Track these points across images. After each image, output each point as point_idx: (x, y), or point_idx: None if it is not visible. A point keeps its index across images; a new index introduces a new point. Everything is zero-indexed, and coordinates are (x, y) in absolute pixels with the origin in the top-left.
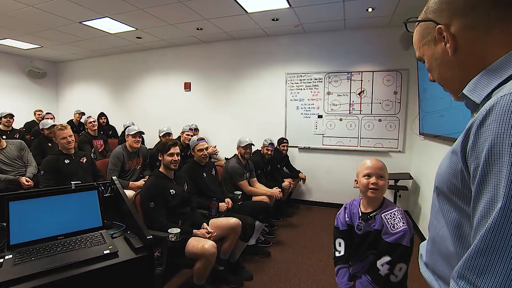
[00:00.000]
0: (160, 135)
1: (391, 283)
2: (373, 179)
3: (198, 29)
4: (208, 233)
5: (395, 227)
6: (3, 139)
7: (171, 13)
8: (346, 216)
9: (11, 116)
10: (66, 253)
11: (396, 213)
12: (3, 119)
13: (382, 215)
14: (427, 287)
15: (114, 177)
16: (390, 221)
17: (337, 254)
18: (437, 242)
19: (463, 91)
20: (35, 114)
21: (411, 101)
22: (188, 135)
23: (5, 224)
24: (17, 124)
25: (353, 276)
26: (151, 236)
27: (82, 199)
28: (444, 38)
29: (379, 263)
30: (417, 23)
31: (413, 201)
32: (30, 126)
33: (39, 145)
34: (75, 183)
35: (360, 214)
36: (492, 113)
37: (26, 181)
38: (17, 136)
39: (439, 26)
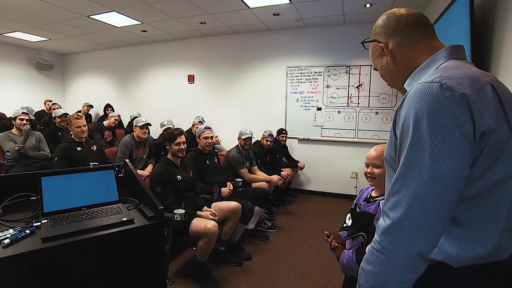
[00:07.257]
0: (162, 129)
1: None
2: (369, 169)
3: (201, 23)
4: (212, 215)
5: None
6: None
7: (175, 7)
8: (357, 196)
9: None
10: (91, 219)
11: None
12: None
13: (381, 201)
14: None
15: (127, 160)
16: None
17: (344, 225)
18: None
19: (404, 86)
20: (45, 103)
21: None
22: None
23: (39, 196)
24: None
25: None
26: (163, 207)
27: (101, 177)
28: (385, 53)
29: (367, 248)
30: (369, 42)
31: None
32: (40, 115)
33: (51, 134)
34: (93, 164)
35: (368, 197)
36: (406, 97)
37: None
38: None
39: (380, 44)
